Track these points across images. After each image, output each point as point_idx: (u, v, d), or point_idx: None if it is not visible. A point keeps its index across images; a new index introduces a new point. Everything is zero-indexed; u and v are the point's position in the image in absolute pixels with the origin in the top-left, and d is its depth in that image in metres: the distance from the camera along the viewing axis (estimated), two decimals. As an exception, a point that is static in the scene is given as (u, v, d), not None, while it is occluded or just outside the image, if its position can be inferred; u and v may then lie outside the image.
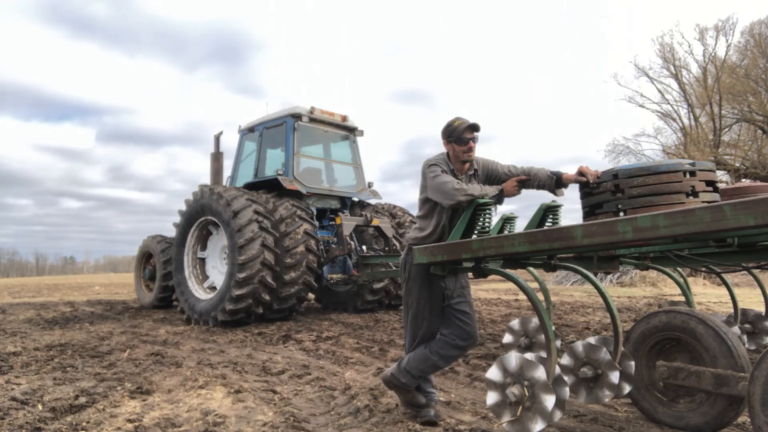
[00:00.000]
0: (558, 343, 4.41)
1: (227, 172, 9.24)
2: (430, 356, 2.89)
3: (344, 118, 8.75)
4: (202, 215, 7.58)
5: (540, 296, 3.18)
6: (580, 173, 2.71)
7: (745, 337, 4.45)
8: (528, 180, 2.94)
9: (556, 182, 2.87)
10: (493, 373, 2.43)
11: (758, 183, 3.30)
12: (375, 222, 8.08)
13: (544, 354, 2.46)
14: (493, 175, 3.05)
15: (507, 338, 4.44)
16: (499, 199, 2.84)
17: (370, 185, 9.01)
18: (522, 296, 10.90)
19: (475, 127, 2.90)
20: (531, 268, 3.35)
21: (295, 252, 6.97)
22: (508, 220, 3.37)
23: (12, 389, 3.64)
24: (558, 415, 2.35)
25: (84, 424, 2.93)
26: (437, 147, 3.11)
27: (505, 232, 3.30)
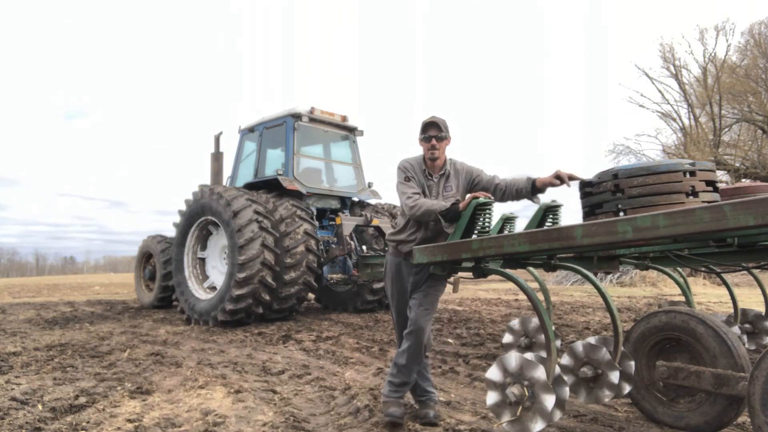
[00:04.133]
0: (558, 343, 4.41)
1: (227, 172, 9.25)
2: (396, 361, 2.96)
3: (344, 118, 8.75)
4: (202, 215, 7.58)
5: (540, 296, 3.18)
6: (557, 176, 2.67)
7: (745, 337, 4.45)
8: (505, 190, 2.91)
9: (532, 188, 2.82)
10: (493, 373, 2.43)
11: (758, 183, 3.30)
12: (375, 222, 8.09)
13: (544, 354, 2.46)
14: (479, 185, 3.01)
15: (507, 338, 4.44)
16: (452, 214, 2.72)
17: (370, 185, 9.01)
18: (522, 296, 10.90)
19: (435, 125, 2.88)
20: (531, 268, 3.35)
21: (295, 252, 6.97)
22: (508, 220, 3.37)
23: (12, 389, 3.64)
24: (558, 415, 2.35)
25: (84, 424, 2.93)
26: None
27: (505, 232, 3.30)
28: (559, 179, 2.65)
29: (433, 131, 2.89)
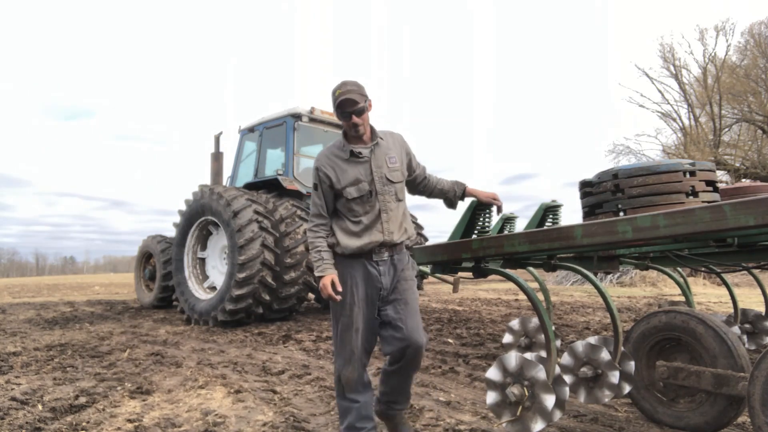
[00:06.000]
0: (558, 343, 4.41)
1: (227, 172, 9.25)
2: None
3: (344, 118, 8.75)
4: (202, 215, 7.59)
5: (540, 296, 3.18)
6: (493, 198, 2.73)
7: (745, 337, 4.45)
8: (429, 184, 2.77)
9: (462, 193, 2.76)
10: (493, 372, 2.43)
11: (758, 183, 3.30)
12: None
13: (544, 354, 2.46)
14: (410, 171, 2.67)
15: (507, 338, 4.43)
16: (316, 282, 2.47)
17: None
18: (522, 296, 10.90)
19: (349, 102, 2.34)
20: (531, 268, 3.35)
21: (295, 252, 6.97)
22: (508, 220, 3.37)
23: (12, 389, 3.64)
24: (558, 415, 2.35)
25: (84, 424, 2.93)
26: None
27: (505, 232, 3.30)
28: (495, 200, 2.73)
29: (349, 107, 2.35)
